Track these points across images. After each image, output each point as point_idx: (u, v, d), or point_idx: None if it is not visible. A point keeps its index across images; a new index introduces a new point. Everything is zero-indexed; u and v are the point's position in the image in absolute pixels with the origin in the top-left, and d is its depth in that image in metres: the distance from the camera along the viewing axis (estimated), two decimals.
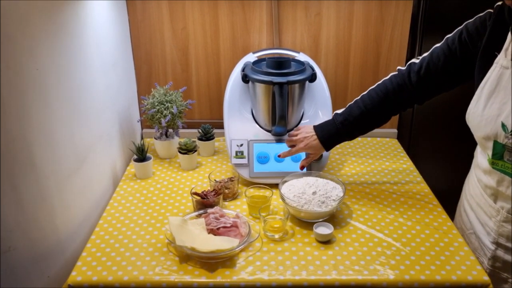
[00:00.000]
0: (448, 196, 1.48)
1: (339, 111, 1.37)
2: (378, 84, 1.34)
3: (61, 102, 1.16)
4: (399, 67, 1.34)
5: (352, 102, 1.36)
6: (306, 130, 1.40)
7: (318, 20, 1.72)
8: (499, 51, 1.09)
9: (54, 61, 1.12)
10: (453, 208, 1.44)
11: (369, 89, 1.36)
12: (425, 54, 1.28)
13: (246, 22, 1.72)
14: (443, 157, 1.97)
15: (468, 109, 1.16)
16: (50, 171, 1.11)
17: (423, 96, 1.31)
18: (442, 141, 1.95)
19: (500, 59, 1.08)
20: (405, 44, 1.76)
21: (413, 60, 1.30)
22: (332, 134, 1.36)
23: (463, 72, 1.21)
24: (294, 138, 1.41)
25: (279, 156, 1.45)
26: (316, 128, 1.38)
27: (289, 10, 1.70)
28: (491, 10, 1.12)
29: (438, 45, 1.26)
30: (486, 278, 1.10)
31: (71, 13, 1.21)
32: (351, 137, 1.38)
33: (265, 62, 1.53)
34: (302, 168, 1.45)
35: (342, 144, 1.78)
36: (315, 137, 1.36)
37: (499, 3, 1.10)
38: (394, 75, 1.33)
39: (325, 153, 1.51)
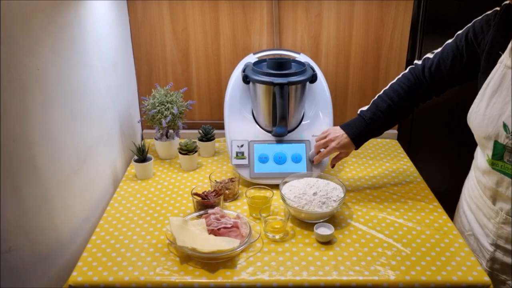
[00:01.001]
0: (449, 197, 1.48)
1: (364, 108, 1.38)
2: (399, 78, 1.36)
3: (61, 102, 1.16)
4: (416, 61, 1.36)
5: (376, 98, 1.37)
6: (334, 130, 1.41)
7: (318, 21, 1.72)
8: (503, 50, 1.08)
9: (55, 61, 1.12)
10: (453, 209, 1.44)
11: (390, 84, 1.37)
12: (438, 50, 1.29)
13: (247, 23, 1.73)
14: (443, 157, 1.98)
15: (471, 109, 1.16)
16: (50, 171, 1.11)
17: (437, 89, 1.33)
18: (442, 142, 1.95)
19: (504, 59, 1.08)
20: (405, 45, 1.76)
21: (428, 55, 1.32)
22: (362, 130, 1.37)
23: (470, 70, 1.21)
24: (324, 140, 1.41)
25: (314, 162, 1.47)
26: (343, 127, 1.39)
27: (290, 11, 1.71)
28: (498, 9, 1.12)
29: (449, 41, 1.27)
30: (486, 278, 1.10)
31: (72, 13, 1.22)
32: (379, 132, 1.39)
33: (265, 63, 1.53)
34: (333, 166, 1.47)
35: None
36: (346, 135, 1.37)
37: (506, 2, 1.10)
38: (412, 68, 1.36)
39: None
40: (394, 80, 1.37)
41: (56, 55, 1.12)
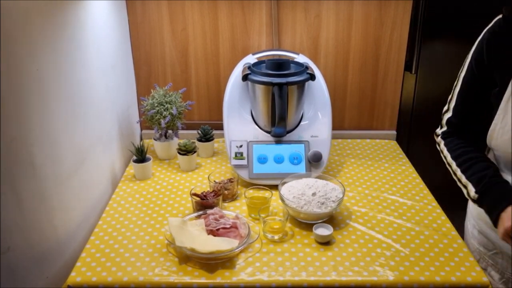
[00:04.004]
0: (448, 197, 1.48)
1: (482, 181, 1.09)
2: (456, 153, 1.16)
3: (60, 102, 1.16)
4: (439, 131, 1.21)
5: (474, 175, 1.10)
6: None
7: (317, 22, 1.72)
8: None
9: (54, 61, 1.12)
10: (452, 209, 1.44)
11: (456, 162, 1.15)
12: (452, 102, 1.17)
13: (246, 23, 1.73)
14: (442, 158, 1.97)
15: (493, 126, 1.07)
16: (49, 171, 1.11)
17: (478, 125, 1.15)
18: None
19: None
20: (404, 45, 1.76)
21: (446, 116, 1.19)
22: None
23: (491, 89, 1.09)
24: None
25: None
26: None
27: (289, 12, 1.71)
28: (501, 16, 1.05)
29: (458, 86, 1.15)
30: (485, 279, 1.10)
31: (71, 14, 1.22)
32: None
33: (264, 63, 1.53)
34: None
35: (341, 145, 1.81)
36: None
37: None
38: (445, 135, 1.20)
39: (324, 154, 1.51)
40: (453, 158, 1.15)
41: (55, 55, 1.12)
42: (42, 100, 1.06)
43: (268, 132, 1.55)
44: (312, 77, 1.50)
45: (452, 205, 1.45)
